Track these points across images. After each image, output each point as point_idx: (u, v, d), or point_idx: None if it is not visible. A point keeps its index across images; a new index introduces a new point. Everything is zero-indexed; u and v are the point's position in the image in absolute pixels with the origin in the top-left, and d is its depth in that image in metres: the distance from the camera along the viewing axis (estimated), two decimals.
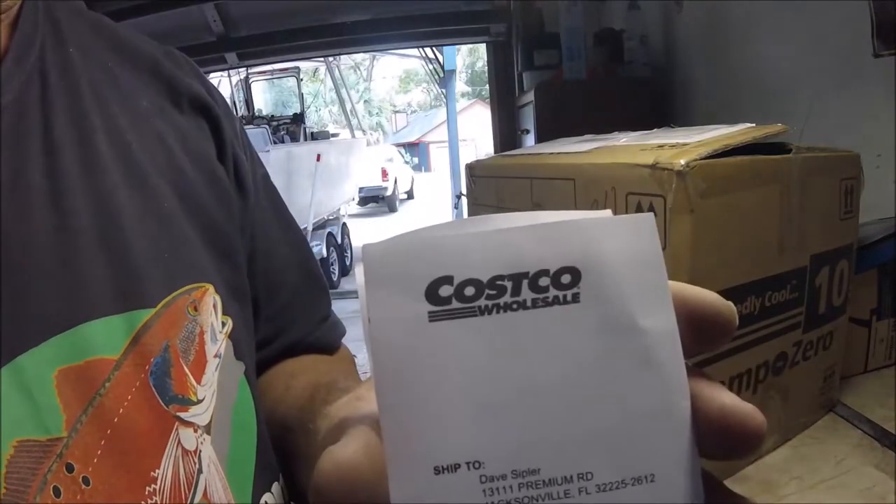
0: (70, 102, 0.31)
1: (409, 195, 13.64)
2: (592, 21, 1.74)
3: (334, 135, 7.96)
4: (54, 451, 0.25)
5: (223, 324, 0.34)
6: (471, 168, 0.73)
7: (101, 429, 0.26)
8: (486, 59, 2.35)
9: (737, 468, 0.53)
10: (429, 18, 2.19)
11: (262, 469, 0.34)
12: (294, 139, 6.26)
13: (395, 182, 11.94)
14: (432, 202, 11.53)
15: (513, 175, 0.64)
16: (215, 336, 0.33)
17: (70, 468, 0.25)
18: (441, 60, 5.99)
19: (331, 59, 7.22)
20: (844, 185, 0.56)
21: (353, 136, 8.33)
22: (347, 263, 6.06)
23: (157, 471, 0.28)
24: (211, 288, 0.33)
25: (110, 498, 0.26)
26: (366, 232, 6.92)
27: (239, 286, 0.37)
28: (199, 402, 0.31)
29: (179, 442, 0.30)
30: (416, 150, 21.04)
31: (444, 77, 6.39)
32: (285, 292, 0.43)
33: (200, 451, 0.30)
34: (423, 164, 20.57)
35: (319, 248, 5.17)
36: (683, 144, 0.46)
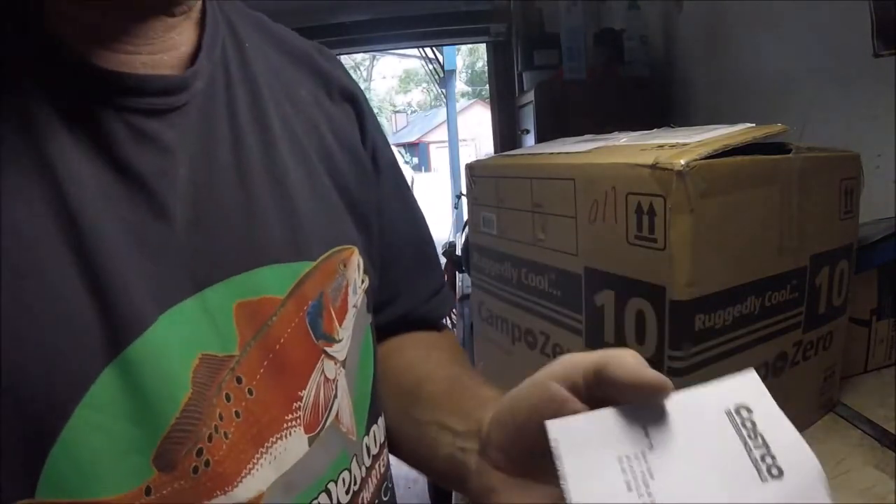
0: (249, 92, 0.37)
1: None
2: (592, 21, 1.74)
3: None
4: (228, 365, 0.31)
5: (363, 281, 0.41)
6: (471, 168, 0.73)
7: (265, 352, 0.33)
8: (486, 59, 2.35)
9: None
10: (429, 18, 2.19)
11: (374, 404, 0.42)
12: None
13: None
14: (432, 202, 11.52)
15: (513, 175, 0.64)
16: (356, 289, 0.40)
17: (239, 380, 0.32)
18: (441, 60, 5.99)
19: None
20: (844, 185, 0.56)
21: None
22: None
23: (303, 391, 0.35)
24: (356, 250, 0.40)
25: (267, 407, 0.33)
26: None
27: (373, 252, 0.44)
28: (340, 341, 0.38)
29: (323, 371, 0.36)
30: (416, 150, 21.04)
31: (444, 77, 6.38)
32: (401, 264, 0.49)
33: (337, 381, 0.37)
34: (423, 164, 20.57)
35: None
36: (683, 144, 0.46)
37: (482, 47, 2.39)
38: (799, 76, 1.05)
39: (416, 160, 19.53)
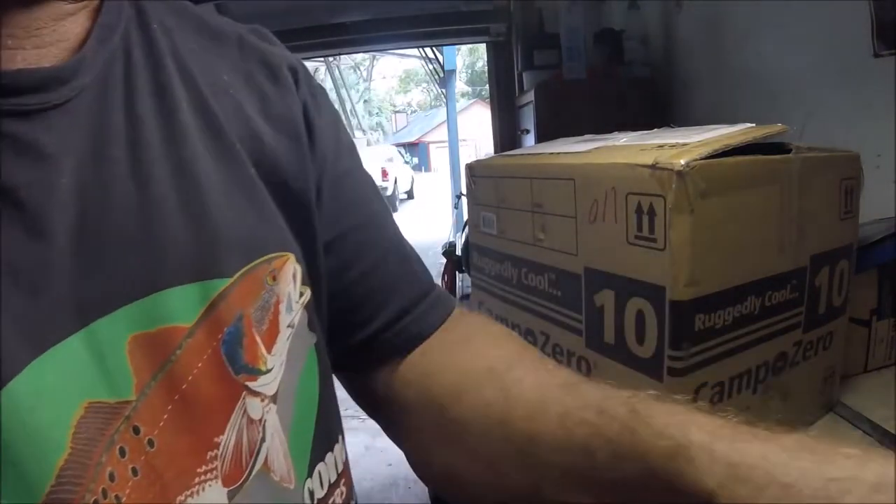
0: (154, 77, 0.32)
1: (409, 195, 13.63)
2: (592, 21, 1.74)
3: None
4: (122, 413, 0.26)
5: (301, 294, 0.34)
6: (471, 168, 0.73)
7: (169, 394, 0.27)
8: (486, 59, 2.35)
9: None
10: (429, 18, 2.19)
11: (319, 439, 0.35)
12: None
13: (395, 182, 11.93)
14: (432, 202, 11.52)
15: (513, 175, 0.64)
16: (291, 306, 0.33)
17: (136, 430, 0.26)
18: (441, 60, 5.99)
19: (331, 59, 7.23)
20: (844, 185, 0.56)
21: (353, 136, 8.33)
22: None
23: (220, 437, 0.29)
24: (291, 257, 0.33)
25: (173, 460, 0.27)
26: None
27: (316, 255, 0.37)
28: (268, 371, 0.32)
29: (246, 411, 0.30)
30: (415, 150, 21.04)
31: (444, 77, 6.39)
32: (380, 266, 0.41)
33: (265, 421, 0.31)
34: (422, 164, 20.57)
35: None
36: (683, 144, 0.46)
37: (482, 47, 2.39)
38: (799, 76, 1.05)
39: (416, 160, 19.53)
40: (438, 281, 1.35)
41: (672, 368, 0.46)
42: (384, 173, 11.25)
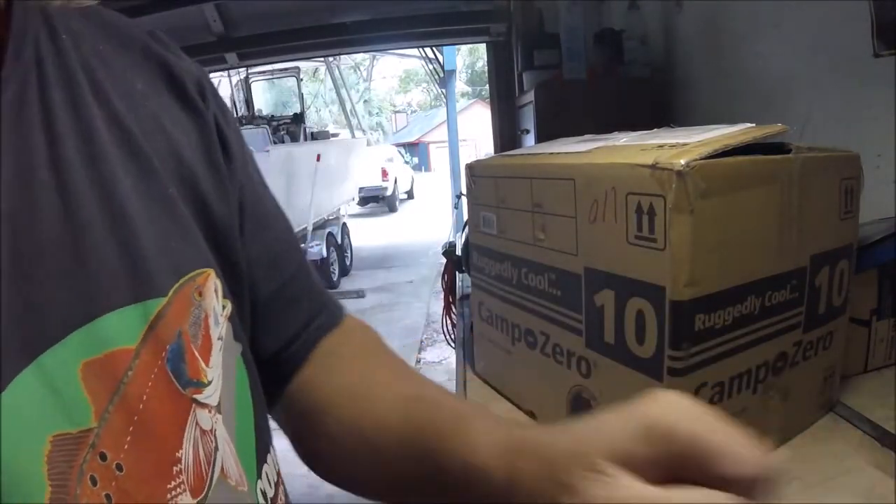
0: (68, 92, 0.30)
1: (409, 195, 13.64)
2: (592, 21, 1.74)
3: (334, 135, 7.96)
4: (86, 441, 0.26)
5: (223, 307, 0.35)
6: (471, 168, 0.73)
7: (128, 416, 0.27)
8: (486, 59, 2.35)
9: None
10: (429, 18, 2.19)
11: (260, 441, 0.36)
12: (294, 139, 6.26)
13: (395, 182, 11.94)
14: (432, 202, 11.51)
15: (513, 175, 0.64)
16: (217, 319, 0.34)
17: (104, 457, 0.26)
18: (441, 60, 5.98)
19: (331, 59, 7.22)
20: (844, 185, 0.56)
21: (353, 136, 8.33)
22: (347, 263, 6.06)
23: (180, 451, 0.29)
24: (212, 273, 0.34)
25: (143, 481, 0.27)
26: (366, 232, 6.92)
27: (235, 269, 0.37)
28: (210, 383, 0.32)
29: (197, 423, 0.31)
30: (416, 150, 21.04)
31: (444, 77, 6.38)
32: (287, 275, 0.43)
33: (215, 430, 0.32)
34: (423, 164, 20.57)
35: (319, 247, 5.17)
36: (683, 144, 0.46)
37: (482, 47, 2.39)
38: (799, 76, 1.05)
39: (416, 160, 19.53)
40: (438, 281, 1.35)
41: (672, 368, 0.46)
42: (384, 173, 11.25)
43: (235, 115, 6.88)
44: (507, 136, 2.21)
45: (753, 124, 0.51)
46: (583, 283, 0.54)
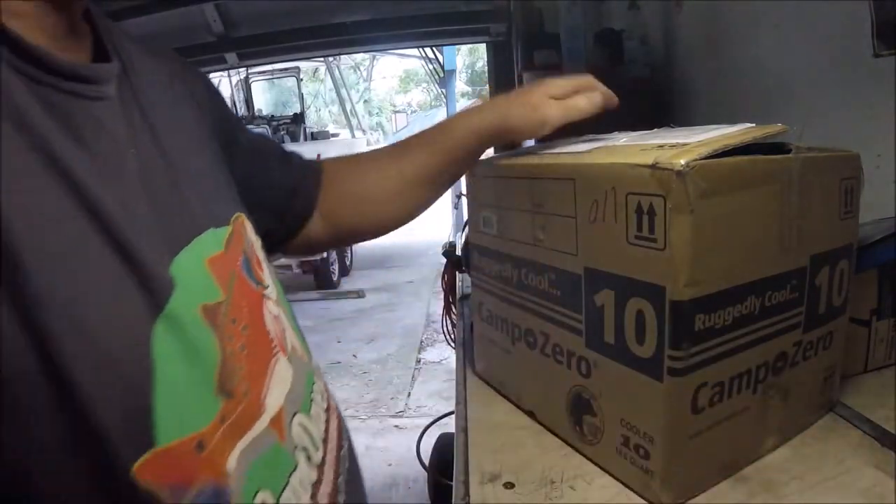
0: (144, 94, 0.41)
1: None
2: (592, 21, 1.74)
3: (334, 135, 7.96)
4: (221, 310, 0.37)
5: (258, 239, 0.48)
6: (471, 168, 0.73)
7: (241, 296, 0.40)
8: (486, 59, 2.35)
9: (737, 468, 0.53)
10: (429, 18, 2.19)
11: (300, 330, 0.50)
12: (294, 139, 6.26)
13: None
14: None
15: (512, 175, 0.64)
16: (258, 245, 0.47)
17: (234, 321, 0.38)
18: (441, 60, 5.98)
19: (331, 59, 7.22)
20: (844, 185, 0.56)
21: (353, 136, 8.33)
22: (347, 263, 6.05)
23: (267, 327, 0.42)
24: (244, 215, 0.47)
25: (258, 339, 0.40)
26: None
27: (252, 212, 0.50)
28: (268, 287, 0.45)
29: (269, 310, 0.43)
30: None
31: (444, 77, 6.38)
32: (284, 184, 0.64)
33: (280, 317, 0.44)
34: None
35: None
36: (683, 144, 0.46)
37: (482, 47, 2.39)
38: (799, 76, 1.05)
39: None
40: (438, 281, 1.35)
41: (672, 368, 0.46)
42: None
43: (235, 115, 6.89)
44: None
45: (753, 124, 0.51)
46: (583, 283, 0.54)
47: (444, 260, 1.22)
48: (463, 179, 0.74)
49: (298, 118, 6.69)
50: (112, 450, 0.28)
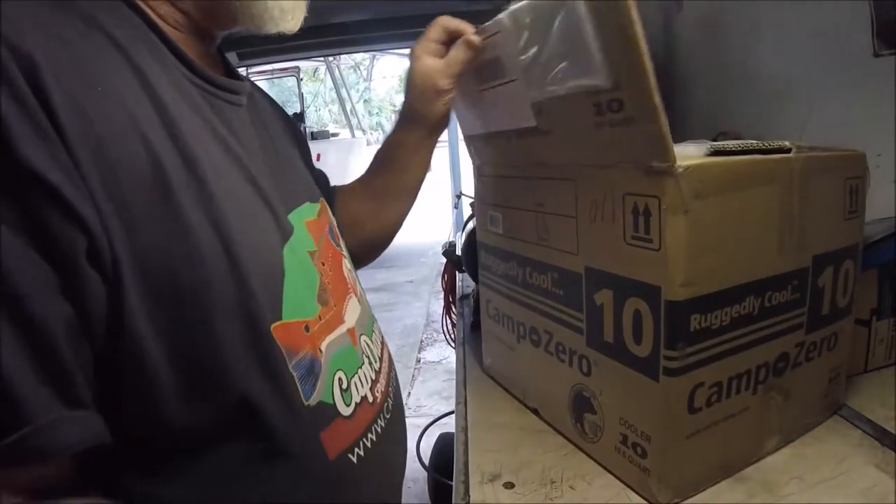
0: (258, 107, 0.58)
1: None
2: None
3: (334, 135, 7.96)
4: (315, 256, 0.53)
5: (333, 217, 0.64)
6: (478, 168, 0.73)
7: (326, 251, 0.56)
8: None
9: (737, 468, 0.53)
10: (429, 18, 2.18)
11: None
12: None
13: None
14: (432, 202, 11.49)
15: (517, 175, 0.64)
16: (334, 221, 0.64)
17: (323, 264, 0.54)
18: None
19: (331, 58, 7.22)
20: (849, 185, 0.56)
21: (353, 135, 8.32)
22: None
23: (345, 275, 0.59)
24: (324, 200, 0.63)
25: (338, 279, 0.56)
26: None
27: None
28: (345, 253, 0.63)
29: (345, 265, 0.60)
30: None
31: None
32: None
33: (351, 271, 0.61)
34: None
35: None
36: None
37: None
38: (799, 76, 1.05)
39: None
40: (438, 281, 1.35)
41: (667, 368, 0.46)
42: None
43: None
44: None
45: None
46: (583, 282, 0.54)
47: (444, 260, 1.22)
48: (464, 179, 0.74)
49: (298, 118, 6.68)
50: (260, 313, 0.42)
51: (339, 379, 0.50)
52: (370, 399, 0.53)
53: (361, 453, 0.50)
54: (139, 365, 0.37)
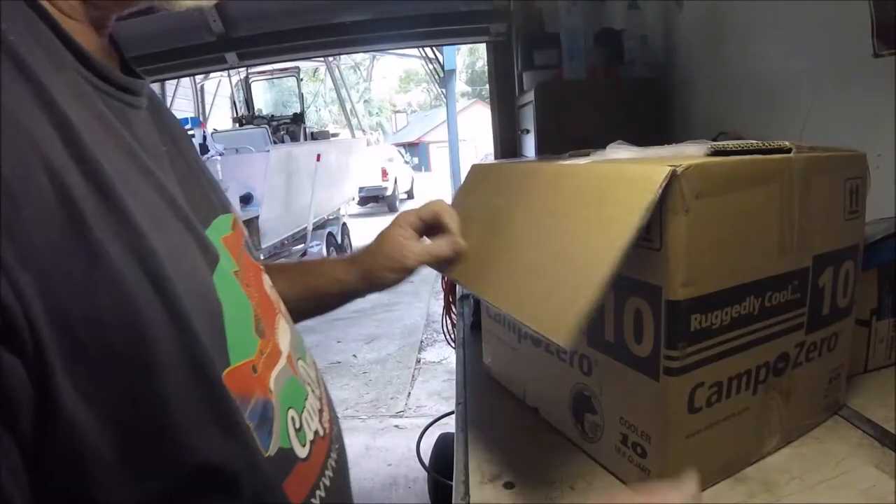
0: (158, 108, 0.49)
1: (409, 195, 13.62)
2: (592, 21, 1.74)
3: (334, 135, 7.96)
4: (238, 276, 0.45)
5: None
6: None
7: (247, 268, 0.48)
8: (486, 59, 2.35)
9: (737, 468, 0.53)
10: (429, 18, 2.19)
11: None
12: (294, 139, 6.26)
13: (395, 182, 11.94)
14: None
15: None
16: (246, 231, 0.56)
17: (248, 285, 0.46)
18: (441, 60, 5.98)
19: (331, 59, 7.22)
20: (849, 185, 0.55)
21: (353, 136, 8.32)
22: None
23: (268, 293, 0.51)
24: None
25: (264, 300, 0.49)
26: (366, 231, 6.92)
27: None
28: (261, 262, 0.56)
29: (265, 281, 0.52)
30: (416, 149, 21.03)
31: (444, 77, 6.38)
32: None
33: (272, 287, 0.54)
34: (422, 164, 20.56)
35: (319, 247, 5.17)
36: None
37: (482, 47, 2.38)
38: (799, 76, 1.05)
39: (416, 160, 19.52)
40: (438, 281, 1.35)
41: (668, 368, 0.46)
42: (384, 173, 11.24)
43: (235, 115, 6.93)
44: (507, 136, 2.21)
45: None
46: None
47: None
48: (464, 179, 0.74)
49: (298, 118, 6.69)
50: (208, 360, 0.36)
51: (292, 418, 0.45)
52: (321, 432, 0.49)
53: (322, 494, 0.46)
54: (69, 444, 0.31)
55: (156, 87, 5.11)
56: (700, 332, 0.46)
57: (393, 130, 23.75)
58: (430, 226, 0.67)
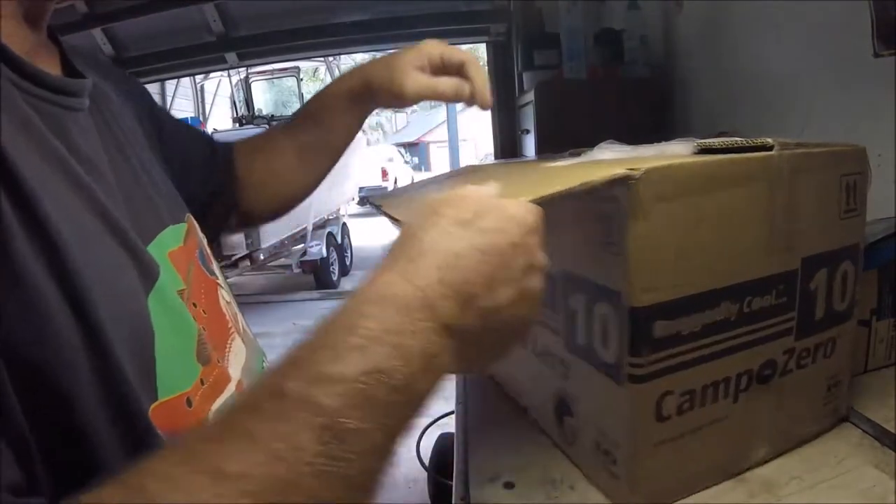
0: (106, 107, 0.47)
1: None
2: (592, 21, 1.73)
3: None
4: (185, 296, 0.42)
5: (204, 237, 0.54)
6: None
7: (198, 284, 0.45)
8: (486, 59, 2.34)
9: (722, 476, 0.52)
10: (429, 18, 2.18)
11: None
12: None
13: (395, 182, 11.92)
14: None
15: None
16: (204, 241, 0.53)
17: (195, 305, 0.44)
18: None
19: (331, 59, 7.21)
20: (845, 182, 0.53)
21: None
22: (347, 263, 6.05)
23: (224, 310, 0.49)
24: (190, 216, 0.52)
25: (216, 321, 0.46)
26: (366, 232, 6.91)
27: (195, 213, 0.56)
28: (218, 277, 0.52)
29: (222, 296, 0.50)
30: (416, 149, 21.02)
31: None
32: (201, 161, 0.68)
33: (230, 303, 0.51)
34: (422, 164, 20.53)
35: (319, 247, 5.16)
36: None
37: (482, 47, 2.38)
38: (799, 76, 1.05)
39: (416, 160, 19.51)
40: None
41: (632, 375, 0.45)
42: (384, 173, 11.23)
43: (236, 115, 6.91)
44: (507, 136, 2.20)
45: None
46: (561, 286, 0.53)
47: None
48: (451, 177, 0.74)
49: None
50: (132, 394, 0.34)
51: None
52: None
53: None
54: None
55: (156, 87, 5.11)
56: (667, 340, 0.45)
57: (393, 130, 23.72)
58: (439, 68, 0.62)
